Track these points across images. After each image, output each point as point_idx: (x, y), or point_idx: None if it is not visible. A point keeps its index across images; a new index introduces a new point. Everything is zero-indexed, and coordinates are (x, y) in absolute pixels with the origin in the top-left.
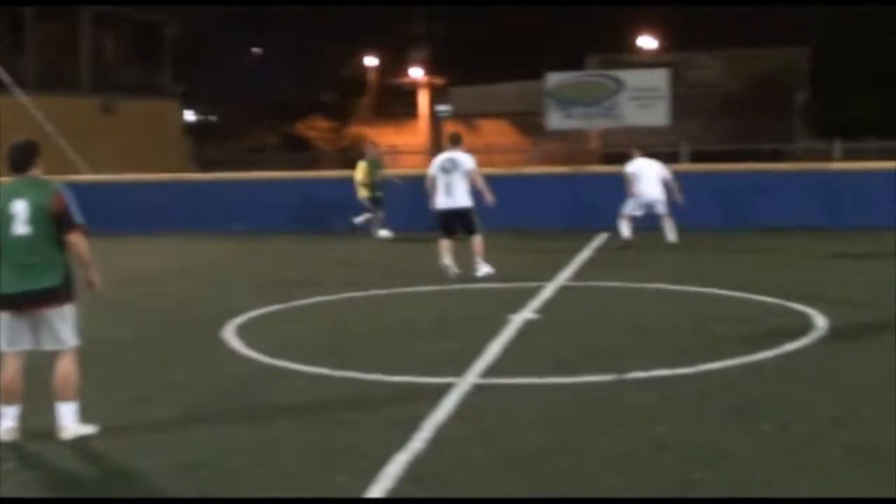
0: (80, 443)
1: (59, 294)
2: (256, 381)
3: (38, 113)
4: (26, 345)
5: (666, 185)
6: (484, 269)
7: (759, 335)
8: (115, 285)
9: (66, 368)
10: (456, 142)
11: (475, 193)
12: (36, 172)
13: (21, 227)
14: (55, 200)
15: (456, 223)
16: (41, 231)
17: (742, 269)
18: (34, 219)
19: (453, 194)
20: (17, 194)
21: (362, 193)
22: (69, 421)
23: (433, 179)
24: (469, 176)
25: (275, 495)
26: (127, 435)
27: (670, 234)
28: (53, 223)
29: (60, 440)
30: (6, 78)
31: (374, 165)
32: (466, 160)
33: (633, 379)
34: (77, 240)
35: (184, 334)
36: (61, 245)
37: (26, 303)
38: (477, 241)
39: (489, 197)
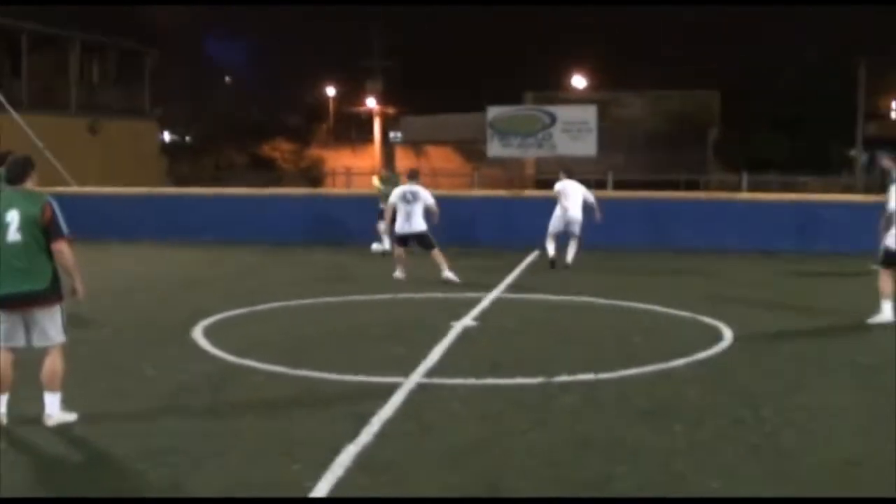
0: (63, 429)
1: (45, 296)
2: (222, 377)
3: (31, 130)
4: (20, 341)
5: (587, 207)
6: (450, 274)
7: (673, 345)
8: (95, 288)
9: (54, 362)
10: (414, 176)
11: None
12: (29, 185)
13: (13, 235)
14: (45, 210)
15: (412, 242)
16: (31, 239)
17: (660, 286)
18: (25, 227)
19: (411, 221)
20: (12, 204)
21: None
22: (54, 409)
23: (393, 207)
24: (427, 208)
25: (237, 479)
26: (105, 422)
27: (570, 254)
28: (42, 232)
29: (46, 426)
30: (2, 98)
31: (386, 181)
32: (427, 196)
33: (560, 382)
34: (62, 248)
35: (156, 334)
36: (49, 252)
37: (16, 304)
38: (437, 254)
39: (436, 220)
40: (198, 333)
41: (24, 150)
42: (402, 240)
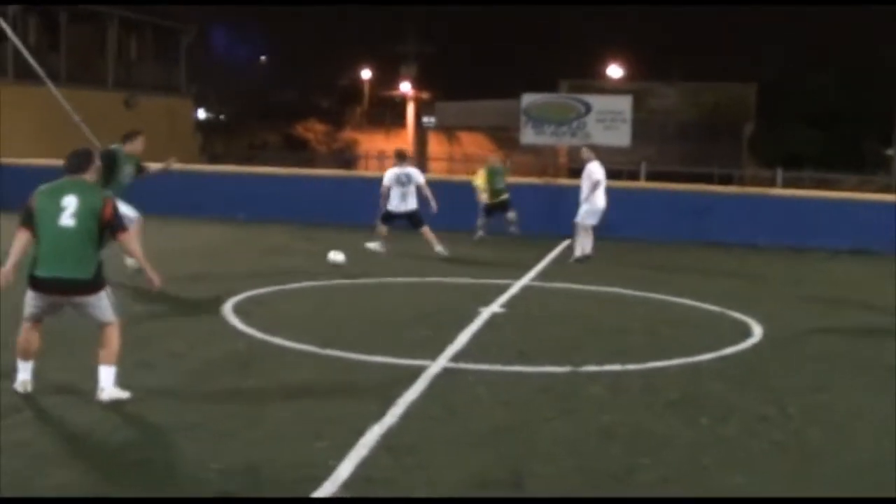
0: (91, 399)
1: (87, 286)
2: (250, 354)
3: (68, 104)
4: (46, 317)
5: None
6: (441, 249)
7: (701, 339)
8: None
9: (110, 337)
10: (404, 158)
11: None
12: (87, 177)
13: (67, 219)
14: (106, 206)
15: (403, 221)
16: (83, 228)
17: (691, 279)
18: (81, 215)
19: (407, 201)
20: (69, 191)
21: (482, 198)
22: (108, 384)
23: (388, 189)
24: (419, 188)
25: (262, 455)
26: (133, 394)
27: (588, 244)
28: (98, 224)
29: (100, 399)
30: (40, 71)
31: (494, 173)
32: (418, 175)
33: (587, 371)
34: (127, 239)
35: (187, 309)
36: (97, 243)
37: (54, 288)
38: (427, 232)
39: (434, 205)
40: (227, 310)
41: (60, 124)
42: (396, 217)
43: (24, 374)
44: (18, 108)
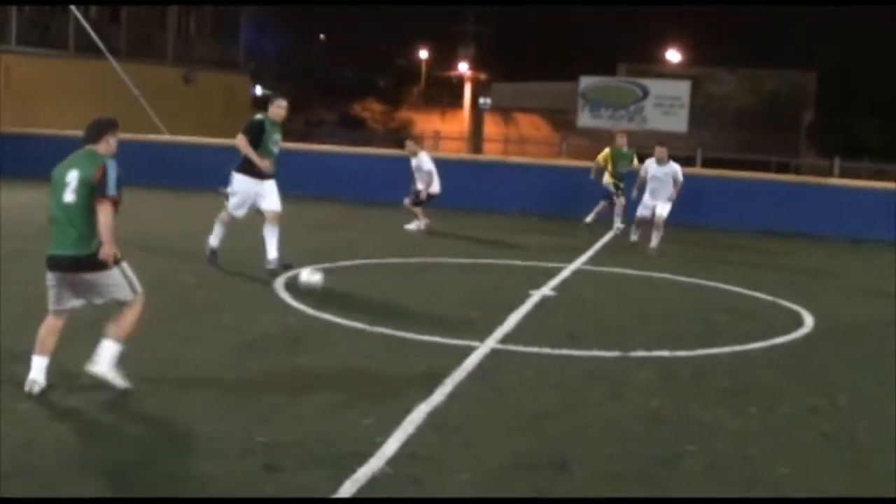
0: (140, 371)
1: (91, 262)
2: (300, 329)
3: (128, 78)
4: (70, 304)
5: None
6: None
7: (752, 327)
8: (182, 235)
9: (123, 314)
10: (419, 141)
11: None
12: (100, 147)
13: (69, 195)
14: (97, 171)
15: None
16: (83, 201)
17: (743, 267)
18: (79, 189)
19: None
20: (74, 164)
21: (606, 179)
22: (105, 357)
23: (432, 172)
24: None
25: (309, 431)
26: (181, 368)
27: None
28: (91, 192)
29: (87, 369)
30: (101, 45)
31: (620, 157)
32: None
33: (636, 357)
34: (102, 208)
35: (238, 283)
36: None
37: (61, 265)
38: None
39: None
40: (278, 285)
41: (120, 98)
42: (431, 198)
43: (35, 374)
44: (78, 82)
